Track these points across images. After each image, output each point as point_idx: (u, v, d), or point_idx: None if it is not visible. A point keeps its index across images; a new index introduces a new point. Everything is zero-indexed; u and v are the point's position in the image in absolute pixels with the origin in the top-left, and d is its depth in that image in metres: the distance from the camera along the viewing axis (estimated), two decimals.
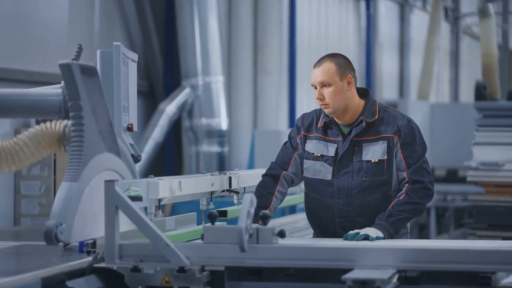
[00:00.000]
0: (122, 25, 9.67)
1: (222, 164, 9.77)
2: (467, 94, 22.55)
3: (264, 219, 3.64)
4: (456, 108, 14.10)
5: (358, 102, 4.32)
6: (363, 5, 15.69)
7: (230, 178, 4.59)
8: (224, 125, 9.76)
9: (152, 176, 4.12)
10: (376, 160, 4.27)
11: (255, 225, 3.63)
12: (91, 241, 3.87)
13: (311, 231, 4.64)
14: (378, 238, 4.10)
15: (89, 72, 3.83)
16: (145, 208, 3.97)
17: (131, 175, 4.12)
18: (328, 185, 4.33)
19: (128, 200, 3.58)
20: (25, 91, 3.97)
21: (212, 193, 4.48)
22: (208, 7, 9.58)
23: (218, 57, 9.72)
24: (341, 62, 4.27)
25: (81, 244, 3.92)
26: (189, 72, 9.64)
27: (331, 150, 4.33)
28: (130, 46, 9.70)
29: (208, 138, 9.68)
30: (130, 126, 4.56)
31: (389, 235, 4.18)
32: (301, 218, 5.57)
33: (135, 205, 3.60)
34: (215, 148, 9.75)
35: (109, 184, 3.58)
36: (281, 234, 3.60)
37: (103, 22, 9.29)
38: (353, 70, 4.32)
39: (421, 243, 4.19)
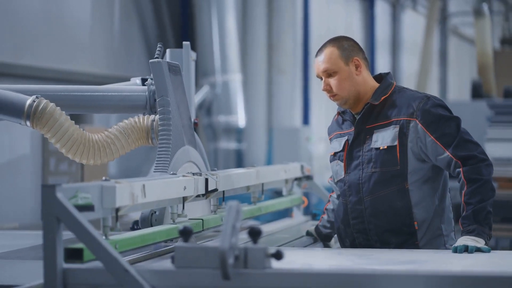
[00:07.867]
0: (139, 24, 9.87)
1: (239, 160, 10.00)
2: (454, 92, 22.91)
3: (254, 235, 2.75)
4: (452, 106, 14.40)
5: (372, 87, 3.77)
6: (364, 5, 15.96)
7: (206, 180, 3.79)
8: (241, 122, 10.00)
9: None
10: (385, 147, 3.66)
11: (242, 240, 2.81)
12: None
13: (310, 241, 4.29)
14: (484, 247, 3.46)
15: (174, 70, 4.05)
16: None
17: (205, 167, 4.34)
18: (342, 183, 3.81)
19: (74, 210, 2.74)
20: (109, 87, 4.15)
21: (184, 198, 3.65)
22: (226, 6, 9.80)
23: (236, 55, 9.96)
24: (344, 44, 3.74)
25: None
26: (207, 71, 9.88)
27: (342, 144, 3.82)
28: (146, 44, 9.92)
29: (226, 134, 9.89)
30: (196, 121, 4.75)
31: (488, 237, 3.52)
32: (298, 223, 5.05)
33: (83, 217, 2.76)
34: (233, 145, 9.97)
35: (48, 189, 2.72)
36: (277, 255, 2.74)
37: (122, 22, 9.50)
38: (361, 51, 3.78)
39: (464, 264, 3.23)
